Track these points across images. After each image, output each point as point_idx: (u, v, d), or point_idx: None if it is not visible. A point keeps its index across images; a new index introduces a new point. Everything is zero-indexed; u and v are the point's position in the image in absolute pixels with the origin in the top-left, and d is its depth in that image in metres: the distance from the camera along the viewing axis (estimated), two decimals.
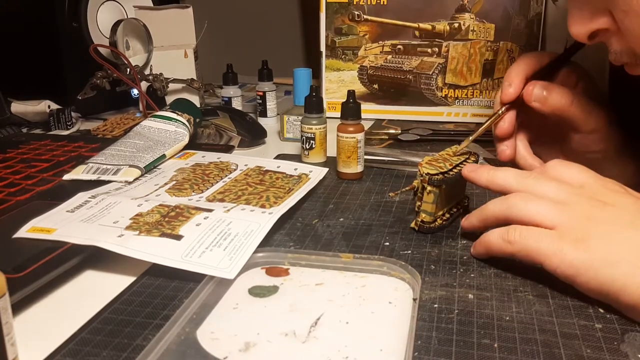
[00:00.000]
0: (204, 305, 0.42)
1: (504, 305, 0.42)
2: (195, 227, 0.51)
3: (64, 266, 0.46)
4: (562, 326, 0.40)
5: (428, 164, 0.53)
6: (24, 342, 0.36)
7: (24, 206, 0.57)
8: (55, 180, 0.64)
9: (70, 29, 0.98)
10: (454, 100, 0.97)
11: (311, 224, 0.57)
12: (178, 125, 0.74)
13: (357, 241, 0.53)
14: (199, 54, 1.06)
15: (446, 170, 0.53)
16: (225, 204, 0.57)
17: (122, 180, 0.63)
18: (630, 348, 0.37)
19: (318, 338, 0.38)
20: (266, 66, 0.98)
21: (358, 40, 0.97)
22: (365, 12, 0.96)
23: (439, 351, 0.37)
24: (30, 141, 0.80)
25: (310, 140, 0.74)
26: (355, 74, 0.99)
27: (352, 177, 0.70)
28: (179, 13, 1.01)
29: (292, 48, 1.47)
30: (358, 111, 0.69)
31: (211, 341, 0.38)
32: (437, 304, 0.42)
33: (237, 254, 0.47)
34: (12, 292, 0.35)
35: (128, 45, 0.98)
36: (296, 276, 0.46)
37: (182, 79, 0.97)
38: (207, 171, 0.66)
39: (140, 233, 0.49)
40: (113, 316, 0.41)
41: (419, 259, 0.49)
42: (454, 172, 0.53)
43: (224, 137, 0.84)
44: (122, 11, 1.07)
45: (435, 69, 0.96)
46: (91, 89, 0.95)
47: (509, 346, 0.37)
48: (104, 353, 0.37)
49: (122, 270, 0.48)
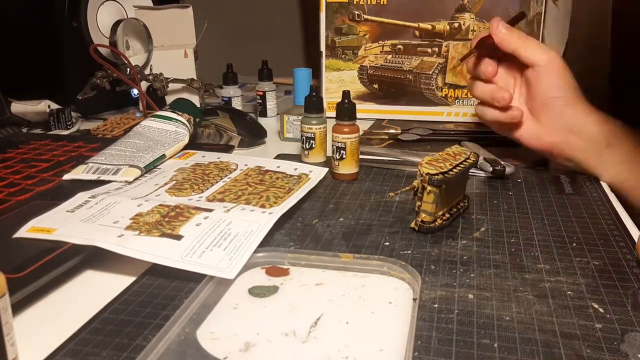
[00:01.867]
0: (204, 305, 0.42)
1: (504, 305, 0.42)
2: (195, 227, 0.51)
3: (64, 266, 0.46)
4: (562, 326, 0.40)
5: (428, 163, 0.53)
6: (24, 342, 0.36)
7: (24, 206, 0.57)
8: (55, 180, 0.64)
9: (70, 29, 0.98)
10: (454, 100, 0.97)
11: (311, 224, 0.57)
12: (178, 125, 0.74)
13: (357, 241, 0.53)
14: (199, 54, 1.06)
15: (446, 170, 0.53)
16: (225, 204, 0.57)
17: (122, 180, 0.63)
18: (630, 348, 0.37)
19: (318, 338, 0.38)
20: (266, 66, 0.98)
21: (358, 40, 0.97)
22: (365, 12, 0.96)
23: (439, 351, 0.37)
24: (30, 141, 0.80)
25: (310, 140, 0.74)
26: (355, 74, 0.99)
27: (347, 178, 0.70)
28: (179, 13, 1.01)
29: (292, 48, 1.48)
30: (353, 112, 0.69)
31: (211, 341, 0.38)
32: (437, 304, 0.42)
33: (237, 254, 0.47)
34: (12, 292, 0.36)
35: (128, 45, 0.98)
36: (296, 276, 0.46)
37: (182, 79, 0.98)
38: (207, 171, 0.66)
39: (140, 233, 0.49)
40: (113, 316, 0.41)
41: (419, 259, 0.49)
42: (454, 172, 0.53)
43: (224, 137, 0.84)
44: (122, 11, 1.07)
45: (435, 69, 0.96)
46: (91, 89, 0.95)
47: (509, 346, 0.37)
48: (104, 353, 0.37)
49: (122, 270, 0.48)
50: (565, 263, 0.48)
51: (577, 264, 0.48)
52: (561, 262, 0.48)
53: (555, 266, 0.48)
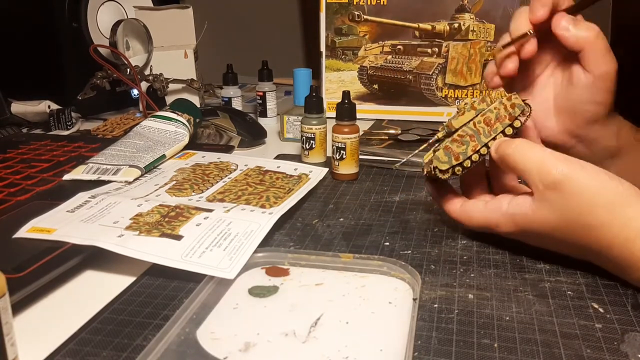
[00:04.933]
0: (204, 305, 0.42)
1: (504, 305, 0.42)
2: (195, 227, 0.51)
3: (64, 266, 0.46)
4: (562, 326, 0.40)
5: (453, 142, 0.49)
6: (24, 342, 0.36)
7: (24, 206, 0.57)
8: (55, 181, 0.64)
9: (70, 29, 0.98)
10: (454, 101, 0.97)
11: (311, 224, 0.57)
12: (178, 125, 0.74)
13: (357, 241, 0.53)
14: (199, 54, 1.06)
15: (463, 160, 0.49)
16: (225, 204, 0.57)
17: (122, 180, 0.63)
18: (630, 348, 0.37)
19: (318, 338, 0.38)
20: (266, 66, 0.98)
21: (358, 41, 0.97)
22: (365, 12, 0.96)
23: (439, 351, 0.37)
24: (30, 141, 0.80)
25: (310, 140, 0.74)
26: (355, 74, 0.99)
27: (347, 178, 0.70)
28: (179, 13, 1.01)
29: (292, 48, 1.48)
30: (353, 112, 0.69)
31: (211, 341, 0.38)
32: (437, 304, 0.42)
33: (237, 254, 0.47)
34: (12, 292, 0.36)
35: (128, 46, 0.98)
36: (296, 276, 0.46)
37: (182, 79, 0.98)
38: (207, 171, 0.66)
39: (140, 233, 0.49)
40: (113, 316, 0.41)
41: (419, 259, 0.49)
42: (472, 161, 0.49)
43: (224, 137, 0.84)
44: (122, 11, 1.07)
45: (435, 69, 0.96)
46: (91, 89, 0.95)
47: (509, 346, 0.37)
48: (104, 353, 0.37)
49: (122, 270, 0.48)
50: (565, 263, 0.48)
51: (577, 264, 0.47)
52: (561, 262, 0.48)
53: (555, 266, 0.48)
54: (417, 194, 0.65)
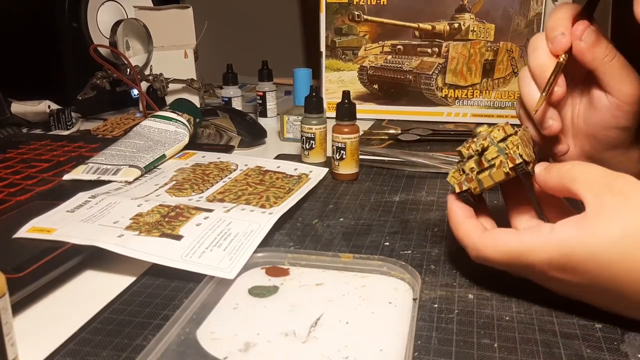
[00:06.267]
0: (204, 306, 0.42)
1: (504, 305, 0.42)
2: (195, 227, 0.51)
3: (64, 266, 0.46)
4: (562, 326, 0.40)
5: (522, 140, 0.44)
6: (24, 342, 0.36)
7: (24, 206, 0.57)
8: (55, 180, 0.64)
9: (70, 29, 0.98)
10: (454, 100, 0.97)
11: (311, 224, 0.57)
12: (178, 125, 0.74)
13: (357, 241, 0.53)
14: (199, 54, 1.06)
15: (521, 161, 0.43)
16: (225, 204, 0.57)
17: (122, 180, 0.63)
18: (630, 348, 0.37)
19: (318, 338, 0.38)
20: (266, 66, 0.98)
21: (358, 41, 0.97)
22: (365, 12, 0.96)
23: (439, 351, 0.37)
24: (30, 141, 0.80)
25: (310, 140, 0.74)
26: (355, 74, 0.99)
27: (347, 178, 0.70)
28: (179, 13, 1.01)
29: (292, 48, 1.48)
30: (353, 112, 0.69)
31: (211, 341, 0.38)
32: (437, 304, 0.42)
33: (237, 254, 0.47)
34: (12, 292, 0.36)
35: (128, 46, 0.98)
36: (296, 276, 0.46)
37: (182, 79, 0.98)
38: (207, 171, 0.66)
39: (140, 233, 0.49)
40: (113, 316, 0.41)
41: (419, 259, 0.49)
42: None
43: (224, 137, 0.84)
44: (122, 11, 1.08)
45: (435, 69, 0.96)
46: (91, 89, 0.95)
47: (509, 346, 0.37)
48: (104, 353, 0.37)
49: (122, 270, 0.48)
50: None
51: None
52: None
53: None
54: (417, 194, 0.65)
